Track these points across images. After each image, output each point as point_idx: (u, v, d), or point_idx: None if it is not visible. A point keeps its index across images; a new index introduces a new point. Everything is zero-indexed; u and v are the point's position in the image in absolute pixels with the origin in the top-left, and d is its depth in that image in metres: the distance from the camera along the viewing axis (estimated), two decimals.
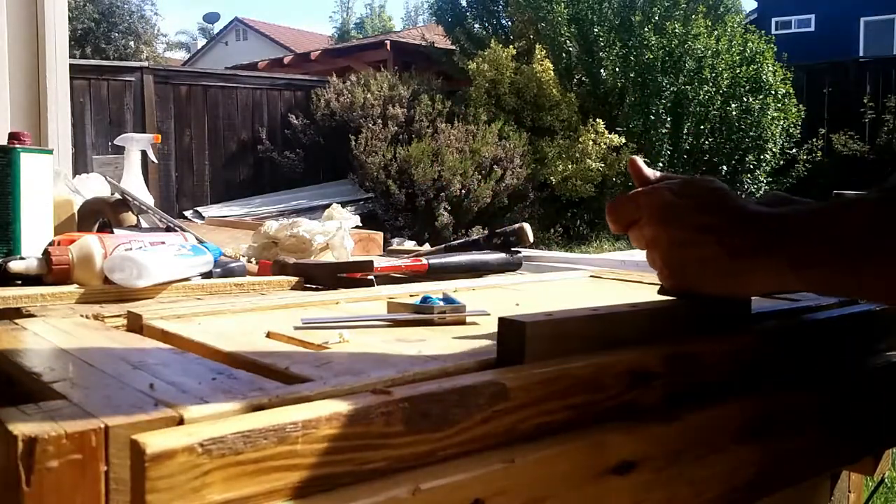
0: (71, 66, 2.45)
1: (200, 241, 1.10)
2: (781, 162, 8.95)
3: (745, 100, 8.57)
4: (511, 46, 8.74)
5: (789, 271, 0.59)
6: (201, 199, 8.48)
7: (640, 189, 0.68)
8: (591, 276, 1.11)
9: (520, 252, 1.28)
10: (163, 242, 1.02)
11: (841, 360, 0.73)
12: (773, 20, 18.46)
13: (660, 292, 0.68)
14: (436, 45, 10.48)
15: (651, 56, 8.39)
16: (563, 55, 8.79)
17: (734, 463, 0.60)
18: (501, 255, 1.24)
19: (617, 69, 8.63)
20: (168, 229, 1.27)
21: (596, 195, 8.32)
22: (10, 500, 0.37)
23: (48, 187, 1.13)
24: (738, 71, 8.59)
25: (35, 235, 1.08)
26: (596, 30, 8.74)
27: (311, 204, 8.02)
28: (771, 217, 0.61)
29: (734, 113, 8.56)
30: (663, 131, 8.42)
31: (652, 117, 8.41)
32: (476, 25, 10.36)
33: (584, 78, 8.98)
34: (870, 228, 0.56)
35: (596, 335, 0.57)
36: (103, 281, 0.89)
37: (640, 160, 0.71)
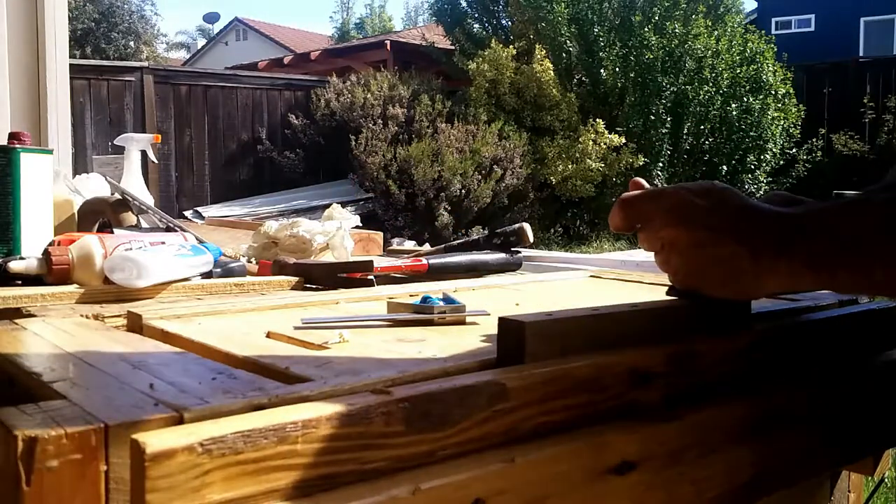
0: (71, 66, 2.45)
1: (200, 241, 1.10)
2: (781, 162, 8.95)
3: (745, 100, 8.57)
4: (511, 46, 8.73)
5: (806, 271, 0.60)
6: (201, 199, 8.48)
7: (657, 188, 0.68)
8: (591, 276, 1.11)
9: (520, 252, 1.28)
10: (163, 242, 1.02)
11: (841, 360, 0.73)
12: (773, 20, 18.45)
13: (669, 293, 0.68)
14: (436, 45, 10.48)
15: (651, 56, 8.39)
16: (563, 55, 8.79)
17: (734, 463, 0.60)
18: (501, 255, 1.24)
19: (617, 69, 8.63)
20: (168, 229, 1.27)
21: (596, 195, 8.32)
22: (10, 500, 0.37)
23: (48, 187, 1.13)
24: (738, 71, 8.59)
25: (35, 235, 1.08)
26: (596, 30, 8.74)
27: (311, 204, 8.02)
28: (788, 217, 0.62)
29: (734, 113, 8.56)
30: (663, 131, 8.42)
31: (652, 117, 8.41)
32: (476, 25, 10.36)
33: (584, 78, 8.98)
34: (881, 229, 0.57)
35: (596, 335, 0.57)
36: (103, 281, 0.89)
37: (641, 181, 0.71)
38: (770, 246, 0.61)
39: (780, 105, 8.72)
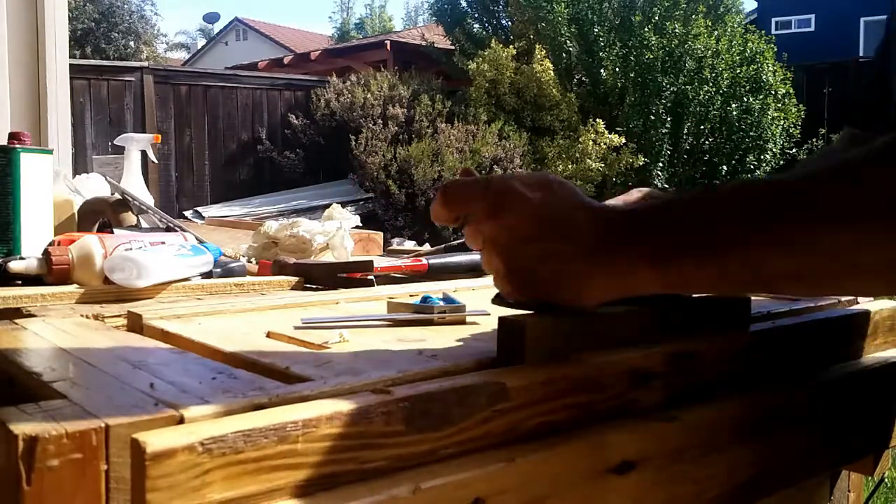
0: (71, 66, 2.45)
1: (200, 241, 1.10)
2: (781, 162, 8.95)
3: (746, 100, 8.57)
4: (511, 46, 8.73)
5: (648, 267, 0.53)
6: (201, 199, 8.48)
7: (485, 176, 0.61)
8: None
9: None
10: (163, 242, 1.02)
11: (841, 360, 0.73)
12: (773, 20, 18.46)
13: (494, 301, 0.62)
14: (436, 45, 10.48)
15: (651, 56, 8.39)
16: (563, 55, 8.79)
17: (734, 462, 0.60)
18: None
19: (617, 69, 8.63)
20: (168, 229, 1.27)
21: (596, 195, 8.30)
22: (11, 500, 0.37)
23: (48, 187, 1.13)
24: (738, 71, 8.59)
25: (35, 235, 1.08)
26: (596, 30, 8.74)
27: (311, 204, 8.02)
28: (629, 212, 0.56)
29: (734, 113, 8.56)
30: (663, 131, 8.42)
31: (652, 117, 8.41)
32: (476, 25, 10.35)
33: (584, 78, 8.97)
34: (733, 214, 0.51)
35: (596, 335, 0.57)
36: (103, 281, 0.89)
37: (472, 169, 0.64)
38: (605, 242, 0.54)
39: (780, 105, 8.72)
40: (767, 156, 8.72)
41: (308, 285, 1.03)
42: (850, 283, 0.51)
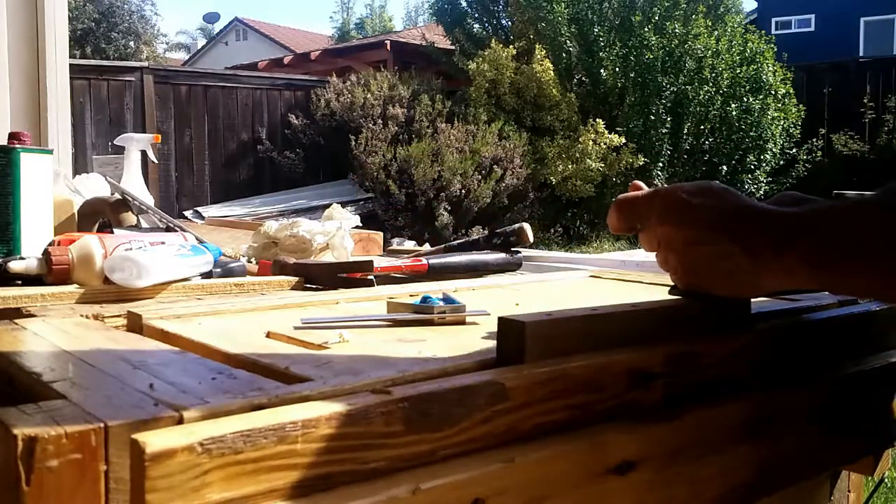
0: (71, 66, 2.45)
1: (200, 241, 1.10)
2: (781, 162, 8.95)
3: (745, 100, 8.57)
4: (511, 46, 8.73)
5: (803, 270, 0.60)
6: (201, 199, 8.48)
7: (653, 189, 0.69)
8: (591, 276, 1.11)
9: (520, 252, 1.28)
10: (163, 242, 1.02)
11: (840, 360, 0.73)
12: (773, 20, 18.46)
13: (671, 292, 0.68)
14: (436, 45, 10.48)
15: (651, 56, 8.39)
16: (563, 55, 8.79)
17: (734, 463, 0.60)
18: (501, 255, 1.24)
19: (617, 69, 8.63)
20: (168, 229, 1.27)
21: (596, 195, 8.32)
22: (10, 500, 0.37)
23: (48, 187, 1.13)
24: (738, 71, 8.59)
25: (35, 235, 1.08)
26: (596, 30, 8.74)
27: (311, 204, 8.02)
28: (787, 216, 0.62)
29: (734, 113, 8.56)
30: (663, 131, 8.42)
31: (652, 117, 8.41)
32: (476, 25, 10.36)
33: (584, 78, 8.98)
34: (876, 232, 0.57)
35: (596, 335, 0.57)
36: (103, 281, 0.89)
37: (641, 183, 0.72)
38: (767, 244, 0.61)
39: (780, 105, 8.72)
40: (767, 156, 8.72)
41: (308, 285, 1.03)
42: None
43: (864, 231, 0.58)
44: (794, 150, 9.03)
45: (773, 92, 8.68)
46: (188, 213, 7.75)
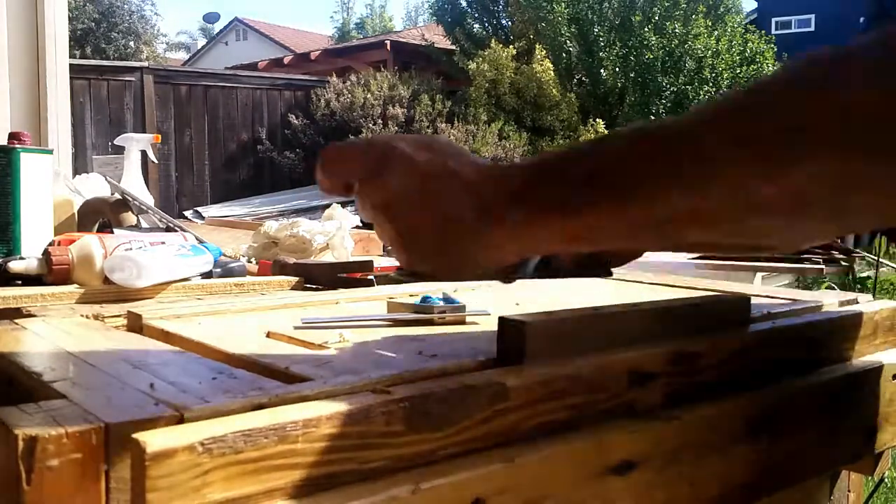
0: (71, 66, 2.45)
1: (200, 241, 1.10)
2: None
3: None
4: (511, 46, 8.74)
5: (547, 218, 0.48)
6: (201, 199, 8.48)
7: (368, 138, 0.56)
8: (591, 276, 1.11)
9: None
10: (163, 242, 1.02)
11: (841, 360, 0.73)
12: (773, 20, 18.47)
13: (396, 274, 0.59)
14: (436, 45, 10.49)
15: (651, 56, 8.40)
16: (563, 55, 8.80)
17: (734, 463, 0.60)
18: None
19: (617, 69, 8.64)
20: (168, 229, 1.27)
21: None
22: (11, 500, 0.37)
23: (48, 187, 1.13)
24: (738, 71, 8.60)
25: (35, 235, 1.08)
26: (596, 30, 8.75)
27: (311, 204, 8.02)
28: (526, 166, 0.51)
29: None
30: None
31: (652, 117, 8.41)
32: (476, 25, 10.36)
33: (584, 78, 8.98)
34: (628, 153, 0.47)
35: (596, 335, 0.57)
36: (103, 281, 0.89)
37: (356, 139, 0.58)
38: (503, 195, 0.49)
39: None
40: None
41: (308, 285, 1.03)
42: (752, 222, 0.45)
43: (624, 152, 0.47)
44: None
45: None
46: (188, 213, 7.75)
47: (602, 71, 8.72)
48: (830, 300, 0.82)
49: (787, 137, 0.41)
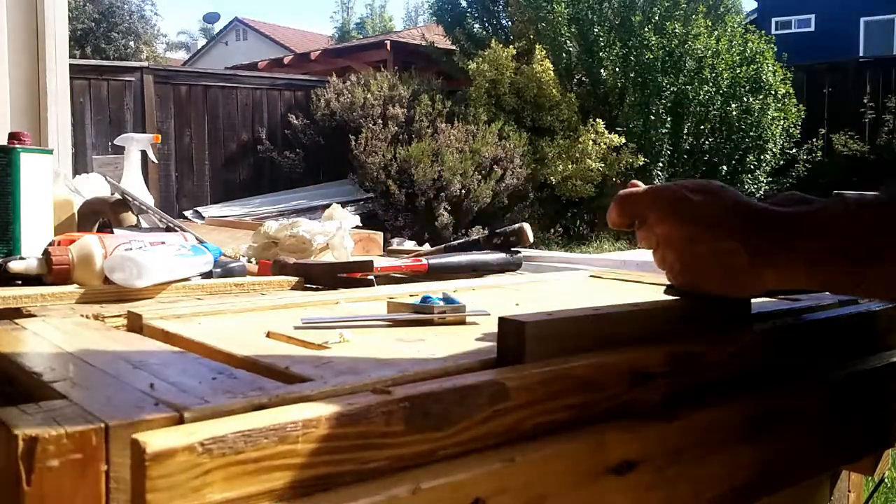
0: (71, 66, 2.45)
1: (200, 241, 1.10)
2: (781, 162, 8.95)
3: (745, 100, 8.57)
4: (511, 46, 8.73)
5: (802, 269, 0.60)
6: (201, 199, 8.48)
7: (653, 185, 0.68)
8: (591, 276, 1.11)
9: (520, 252, 1.28)
10: (163, 242, 1.02)
11: (841, 360, 0.73)
12: (773, 20, 18.46)
13: (667, 291, 0.68)
14: (436, 45, 10.48)
15: (651, 56, 8.39)
16: (563, 55, 8.79)
17: (734, 463, 0.60)
18: (501, 255, 1.24)
19: (617, 69, 8.64)
20: (168, 229, 1.27)
21: (596, 195, 8.32)
22: (11, 500, 0.37)
23: (48, 187, 1.13)
24: (738, 71, 8.59)
25: (35, 235, 1.08)
26: (596, 30, 8.74)
27: (311, 204, 8.02)
28: (787, 216, 0.62)
29: (734, 113, 8.56)
30: (663, 131, 8.42)
31: (652, 117, 8.41)
32: (476, 25, 10.36)
33: (584, 78, 8.98)
34: (873, 230, 0.58)
35: (596, 335, 0.57)
36: (103, 281, 0.89)
37: (639, 182, 0.72)
38: (767, 242, 0.61)
39: (780, 105, 8.72)
40: (767, 156, 8.72)
41: (308, 285, 1.03)
42: None
43: (864, 230, 0.58)
44: (794, 150, 9.03)
45: (773, 92, 8.68)
46: (188, 213, 7.75)
47: (602, 71, 8.70)
48: (830, 300, 0.82)
49: None
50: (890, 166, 8.52)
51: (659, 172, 8.36)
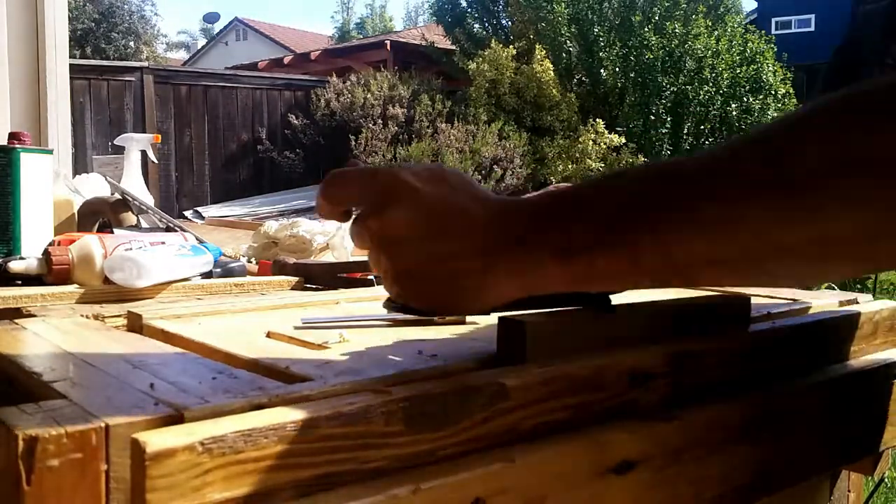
0: (71, 66, 2.45)
1: (200, 241, 1.10)
2: None
3: (746, 100, 8.58)
4: (511, 46, 8.74)
5: (555, 263, 0.47)
6: (201, 199, 8.48)
7: (372, 167, 0.54)
8: None
9: None
10: (163, 242, 1.02)
11: (841, 360, 0.73)
12: (773, 20, 18.47)
13: (385, 305, 0.57)
14: (436, 45, 10.49)
15: (651, 56, 8.39)
16: (563, 55, 8.80)
17: (734, 463, 0.60)
18: None
19: (617, 69, 8.64)
20: (168, 229, 1.27)
21: None
22: (11, 500, 0.37)
23: (48, 187, 1.13)
24: (738, 71, 8.59)
25: (35, 235, 1.08)
26: (596, 30, 8.75)
27: (311, 204, 8.01)
28: (529, 204, 0.50)
29: (734, 113, 8.57)
30: (663, 131, 8.42)
31: (652, 117, 8.42)
32: (476, 25, 10.37)
33: (584, 78, 8.98)
34: (637, 197, 0.45)
35: (596, 335, 0.57)
36: (103, 281, 0.89)
37: (359, 160, 0.60)
38: (505, 238, 0.49)
39: (780, 105, 8.73)
40: None
41: (308, 285, 1.03)
42: (771, 266, 0.44)
43: (632, 197, 0.45)
44: None
45: (773, 92, 8.69)
46: (188, 213, 7.75)
47: (602, 71, 8.71)
48: (830, 300, 0.82)
49: (816, 183, 0.39)
50: None
51: None
